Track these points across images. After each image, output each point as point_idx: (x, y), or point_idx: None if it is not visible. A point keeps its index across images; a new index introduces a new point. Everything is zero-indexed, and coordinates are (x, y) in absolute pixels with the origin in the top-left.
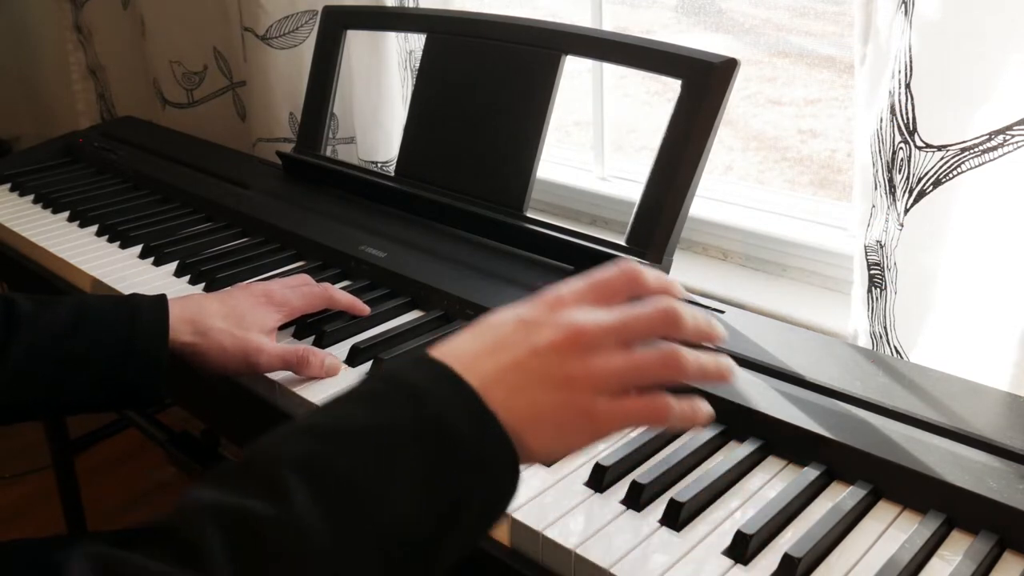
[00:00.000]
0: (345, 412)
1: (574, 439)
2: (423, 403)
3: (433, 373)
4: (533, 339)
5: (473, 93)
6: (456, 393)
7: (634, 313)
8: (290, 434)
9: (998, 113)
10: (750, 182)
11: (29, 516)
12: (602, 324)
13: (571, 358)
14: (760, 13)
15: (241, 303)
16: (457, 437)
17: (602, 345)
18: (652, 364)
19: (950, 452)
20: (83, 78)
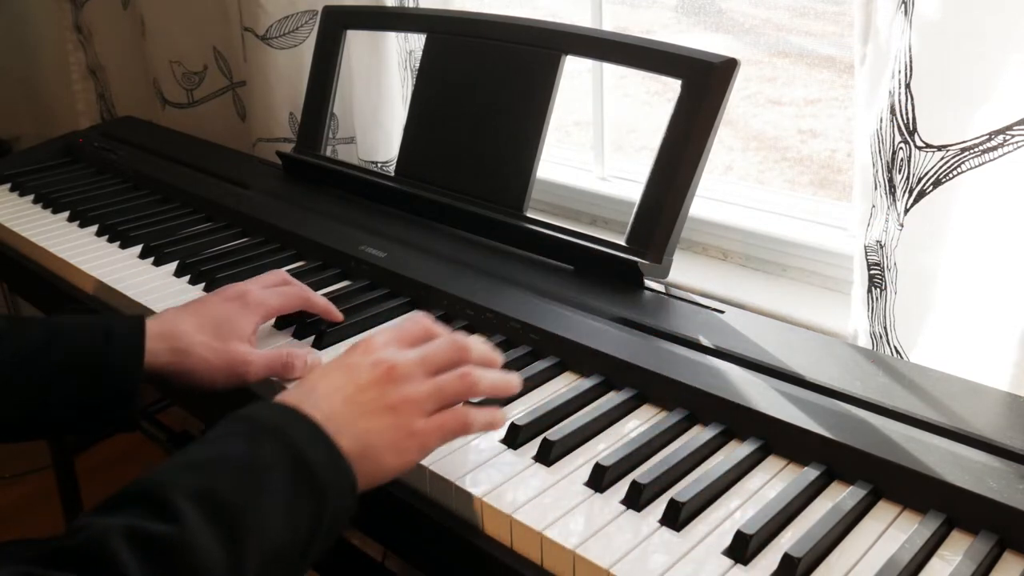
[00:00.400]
0: (220, 446)
1: (405, 456)
2: (286, 438)
3: (288, 414)
4: (357, 379)
5: (473, 93)
6: (309, 429)
7: (432, 347)
8: (173, 467)
9: (998, 113)
10: (750, 182)
11: (29, 516)
12: (409, 359)
13: (389, 389)
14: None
15: (216, 311)
16: (312, 464)
17: (412, 376)
18: (452, 384)
19: (950, 452)
20: (83, 78)
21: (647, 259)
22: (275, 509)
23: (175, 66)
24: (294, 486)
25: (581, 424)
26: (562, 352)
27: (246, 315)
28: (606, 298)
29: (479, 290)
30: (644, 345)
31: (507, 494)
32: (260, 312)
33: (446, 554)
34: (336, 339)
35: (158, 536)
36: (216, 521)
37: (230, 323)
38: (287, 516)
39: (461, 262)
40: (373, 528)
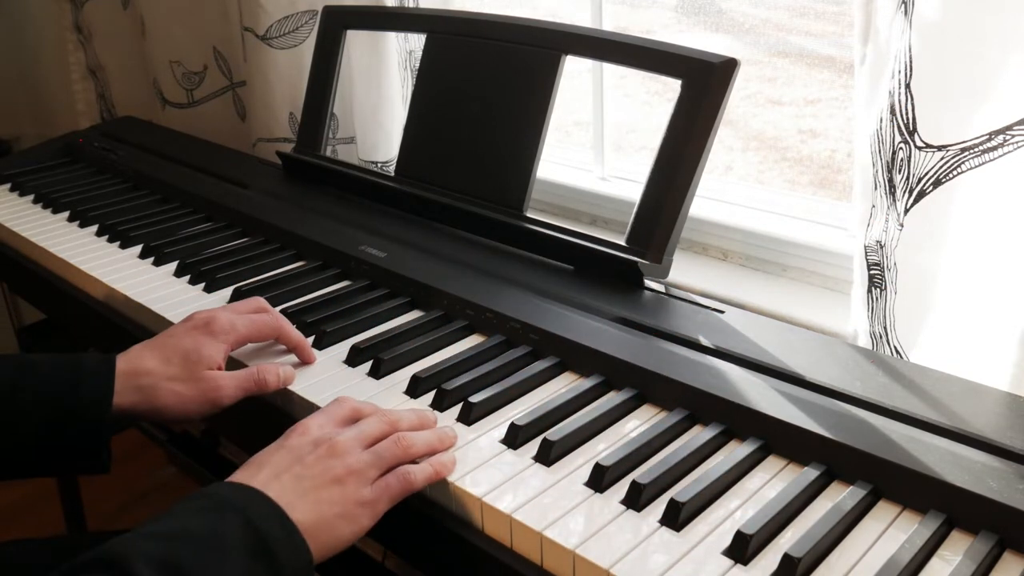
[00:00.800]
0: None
1: (357, 523)
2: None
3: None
4: (301, 458)
5: (473, 93)
6: (267, 506)
7: (365, 424)
8: (137, 536)
9: (998, 113)
10: (750, 182)
11: (29, 516)
12: (346, 436)
13: (333, 463)
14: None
15: (182, 342)
16: (271, 541)
17: (351, 449)
18: (390, 449)
19: (950, 452)
20: (83, 78)
21: (647, 259)
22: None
23: (175, 66)
24: (253, 561)
25: (581, 424)
26: (562, 352)
27: (214, 344)
28: (606, 298)
29: (479, 290)
30: (644, 345)
31: (507, 494)
32: (228, 340)
33: (446, 554)
34: (336, 339)
35: None
36: None
37: (198, 352)
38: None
39: (461, 262)
40: (374, 529)
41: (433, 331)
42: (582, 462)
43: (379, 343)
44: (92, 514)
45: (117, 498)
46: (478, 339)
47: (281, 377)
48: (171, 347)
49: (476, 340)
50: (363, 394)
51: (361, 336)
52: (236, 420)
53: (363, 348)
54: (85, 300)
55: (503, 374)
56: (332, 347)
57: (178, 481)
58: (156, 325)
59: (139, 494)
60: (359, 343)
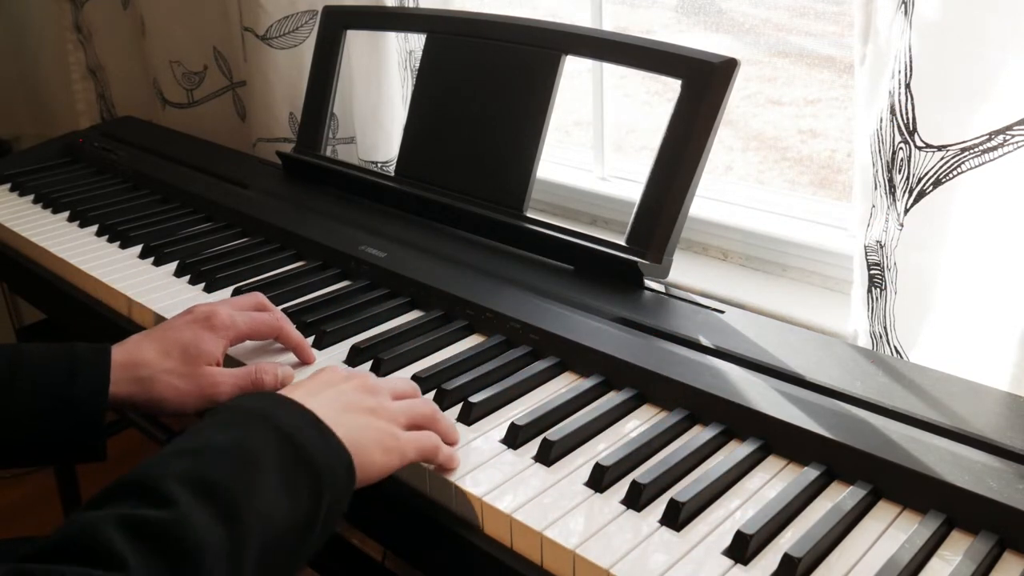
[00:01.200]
0: (208, 435)
1: (391, 456)
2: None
3: (277, 402)
4: (340, 386)
5: (473, 93)
6: (301, 415)
7: (394, 379)
8: (164, 456)
9: (998, 113)
10: (750, 182)
11: (29, 516)
12: (380, 382)
13: (367, 397)
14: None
15: (181, 335)
16: (307, 446)
17: (383, 392)
18: (422, 407)
19: (950, 452)
20: (83, 78)
21: (647, 259)
22: (269, 486)
23: (175, 66)
24: (287, 463)
25: (581, 424)
26: (562, 352)
27: (213, 339)
28: (606, 298)
29: (479, 290)
30: (644, 345)
31: (507, 494)
32: (228, 336)
33: (446, 554)
34: (336, 339)
35: (152, 520)
36: (210, 501)
37: (196, 347)
38: (284, 493)
39: (461, 262)
40: (373, 528)
41: (433, 331)
42: (582, 462)
43: (379, 343)
44: None
45: None
46: (478, 339)
47: (279, 377)
48: (170, 339)
49: (476, 340)
50: None
51: (361, 336)
52: None
53: (363, 348)
54: (85, 300)
55: (503, 374)
56: (332, 347)
57: None
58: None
59: None
60: (359, 343)
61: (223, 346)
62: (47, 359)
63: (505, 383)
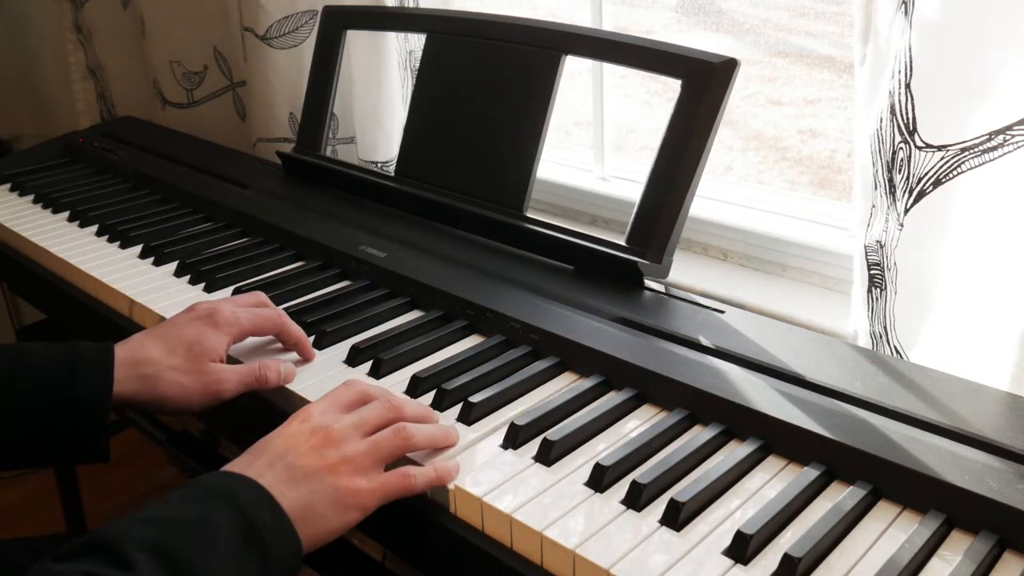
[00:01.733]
0: (175, 508)
1: (348, 515)
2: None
3: (238, 480)
4: (296, 446)
5: (473, 93)
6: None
7: (366, 409)
8: (130, 522)
9: (998, 113)
10: (750, 182)
11: (29, 516)
12: (345, 423)
13: (328, 451)
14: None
15: (186, 333)
16: (260, 527)
17: (348, 437)
18: (388, 440)
19: (950, 452)
20: (83, 78)
21: (647, 259)
22: (224, 565)
23: (175, 66)
24: (243, 545)
25: (581, 424)
26: (562, 352)
27: (217, 336)
28: (606, 298)
29: (479, 290)
30: (644, 345)
31: (507, 494)
32: (231, 332)
33: (445, 554)
34: (336, 339)
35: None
36: (167, 571)
37: (201, 344)
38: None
39: (461, 262)
40: (373, 528)
41: (433, 331)
42: (582, 462)
43: (379, 343)
44: (92, 514)
45: (117, 498)
46: (478, 339)
47: (282, 374)
48: (174, 337)
49: (476, 340)
50: None
51: (361, 336)
52: (235, 420)
53: (363, 348)
54: (85, 300)
55: (503, 374)
56: (332, 347)
57: (178, 481)
58: None
59: (139, 494)
60: (359, 343)
61: (227, 342)
62: (49, 358)
63: (505, 383)
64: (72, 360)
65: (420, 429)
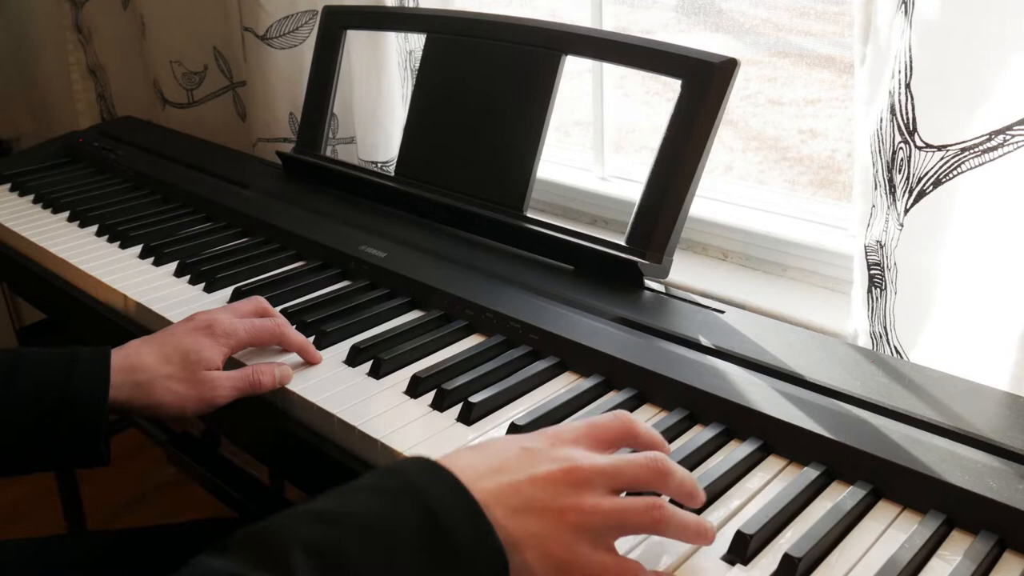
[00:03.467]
0: (353, 501)
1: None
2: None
3: (439, 478)
4: (533, 468)
5: (473, 93)
6: (459, 501)
7: (626, 460)
8: (300, 515)
9: (998, 113)
10: (750, 182)
11: (29, 516)
12: (596, 465)
13: (565, 491)
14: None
15: (182, 341)
16: (456, 542)
17: (594, 485)
18: (637, 514)
19: (950, 452)
20: (83, 78)
21: (647, 259)
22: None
23: (175, 66)
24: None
25: None
26: (562, 352)
27: (214, 346)
28: (606, 298)
29: (479, 290)
30: (644, 345)
31: None
32: (229, 344)
33: None
34: (336, 339)
35: None
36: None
37: (197, 353)
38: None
39: (461, 262)
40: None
41: (433, 331)
42: None
43: (379, 343)
44: (92, 514)
45: (117, 498)
46: (478, 339)
47: (277, 377)
48: (171, 345)
49: (476, 340)
50: (363, 394)
51: (361, 336)
52: (236, 420)
53: (363, 348)
54: (85, 300)
55: (503, 374)
56: (332, 347)
57: (178, 481)
58: (156, 325)
59: (139, 494)
60: (359, 343)
61: (224, 353)
62: (46, 362)
63: (505, 383)
64: (69, 363)
65: (676, 515)
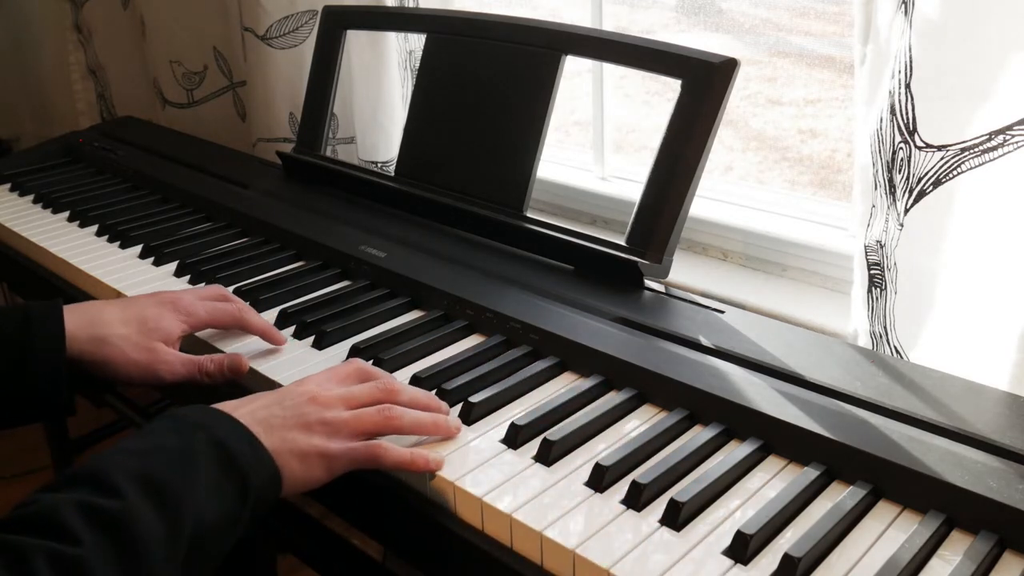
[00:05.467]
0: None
1: (312, 472)
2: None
3: (214, 413)
4: (282, 400)
5: (473, 93)
6: (233, 426)
7: (359, 386)
8: (116, 453)
9: (998, 113)
10: (750, 182)
11: None
12: (333, 392)
13: (308, 410)
14: (760, 13)
15: (144, 310)
16: (237, 454)
17: (332, 404)
18: (371, 416)
19: (950, 452)
20: (83, 78)
21: (647, 259)
22: (206, 490)
23: (175, 66)
24: (222, 473)
25: (581, 424)
26: (562, 352)
27: (174, 320)
28: (606, 298)
29: (479, 290)
30: (644, 345)
31: (507, 494)
32: (188, 321)
33: (445, 554)
34: (336, 339)
35: (105, 508)
36: (154, 498)
37: (156, 322)
38: (216, 495)
39: (461, 262)
40: (373, 528)
41: (433, 331)
42: (582, 462)
43: (379, 343)
44: None
45: None
46: (478, 339)
47: (226, 366)
48: (133, 310)
49: (476, 340)
50: None
51: (361, 336)
52: None
53: (363, 348)
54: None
55: (503, 374)
56: (332, 347)
57: None
58: None
59: None
60: (359, 343)
61: (182, 329)
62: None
63: (505, 383)
64: (23, 314)
65: (408, 413)
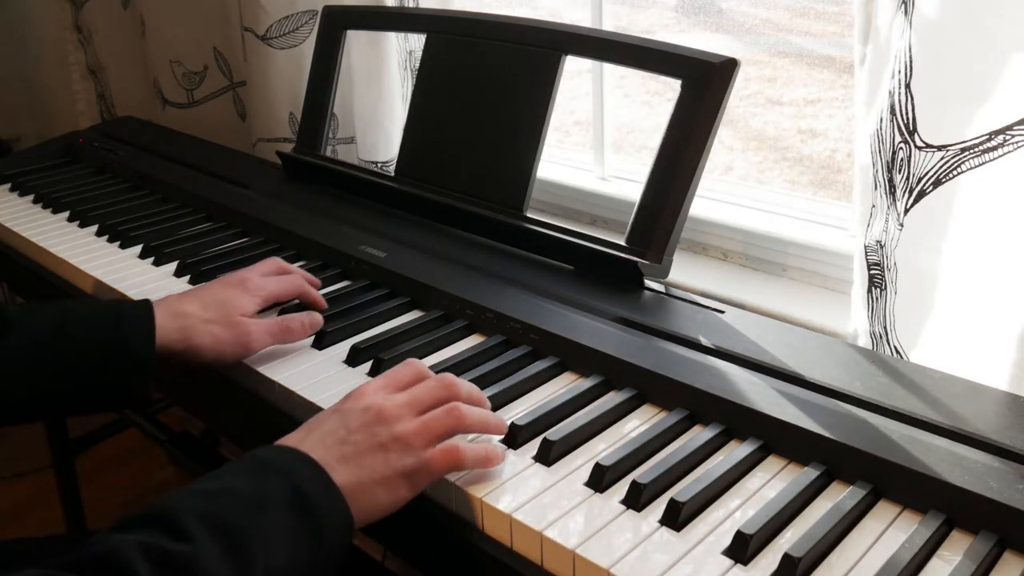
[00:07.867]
0: (229, 480)
1: (397, 492)
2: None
3: (290, 453)
4: (348, 423)
5: (473, 93)
6: (308, 467)
7: (420, 388)
8: (185, 494)
9: (998, 113)
10: (750, 182)
11: (29, 516)
12: (397, 401)
13: (379, 429)
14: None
15: (218, 293)
16: (311, 498)
17: (400, 416)
18: (440, 419)
19: (950, 452)
20: (83, 78)
21: (647, 259)
22: (277, 536)
23: (175, 66)
24: (295, 517)
25: (581, 424)
26: (562, 352)
27: (247, 297)
28: (606, 298)
29: (479, 290)
30: (644, 345)
31: (507, 494)
32: (260, 296)
33: (446, 554)
34: (336, 339)
35: (172, 552)
36: (224, 543)
37: (232, 303)
38: (288, 542)
39: (461, 262)
40: (373, 528)
41: (433, 331)
42: (582, 462)
43: (379, 343)
44: (92, 514)
45: (117, 498)
46: (478, 339)
47: (307, 324)
48: (209, 296)
49: (476, 340)
50: None
51: (361, 336)
52: (235, 419)
53: (363, 348)
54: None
55: (503, 374)
56: (332, 347)
57: (178, 481)
58: None
59: (139, 494)
60: (359, 343)
61: (256, 304)
62: (94, 311)
63: (505, 383)
64: (116, 309)
65: (473, 411)
